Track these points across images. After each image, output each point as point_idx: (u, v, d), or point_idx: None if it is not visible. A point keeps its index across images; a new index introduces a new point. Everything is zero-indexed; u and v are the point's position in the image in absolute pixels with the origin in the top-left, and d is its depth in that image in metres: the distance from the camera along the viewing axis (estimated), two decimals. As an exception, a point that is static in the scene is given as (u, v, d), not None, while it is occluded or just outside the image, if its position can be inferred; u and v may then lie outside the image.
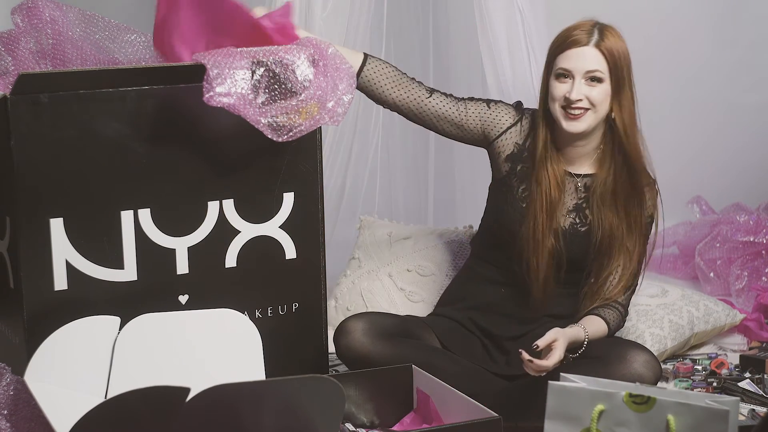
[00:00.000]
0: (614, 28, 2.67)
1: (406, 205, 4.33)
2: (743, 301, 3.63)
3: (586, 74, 2.58)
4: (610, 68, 2.59)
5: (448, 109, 2.75)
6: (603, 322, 2.65)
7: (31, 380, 2.21)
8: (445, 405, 2.52)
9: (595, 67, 2.58)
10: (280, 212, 2.61)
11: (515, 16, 3.59)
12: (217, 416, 2.08)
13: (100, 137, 2.40)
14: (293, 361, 2.64)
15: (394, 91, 2.74)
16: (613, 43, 2.61)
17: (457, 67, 4.24)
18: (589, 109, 2.59)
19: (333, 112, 2.52)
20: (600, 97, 2.58)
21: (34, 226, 2.36)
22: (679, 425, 2.18)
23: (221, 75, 2.39)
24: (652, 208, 2.71)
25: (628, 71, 2.63)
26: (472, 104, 2.76)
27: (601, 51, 2.59)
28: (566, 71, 2.60)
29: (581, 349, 2.59)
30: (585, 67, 2.58)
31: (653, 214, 2.72)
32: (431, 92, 2.76)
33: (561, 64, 2.62)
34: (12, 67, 2.47)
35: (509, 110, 2.77)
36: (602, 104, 2.59)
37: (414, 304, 3.25)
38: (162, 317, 2.40)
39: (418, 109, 2.75)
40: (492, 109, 2.76)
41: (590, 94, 2.58)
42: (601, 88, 2.59)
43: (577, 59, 2.59)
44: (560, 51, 2.63)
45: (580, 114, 2.59)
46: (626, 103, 2.61)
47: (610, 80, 2.59)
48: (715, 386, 2.93)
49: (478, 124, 2.75)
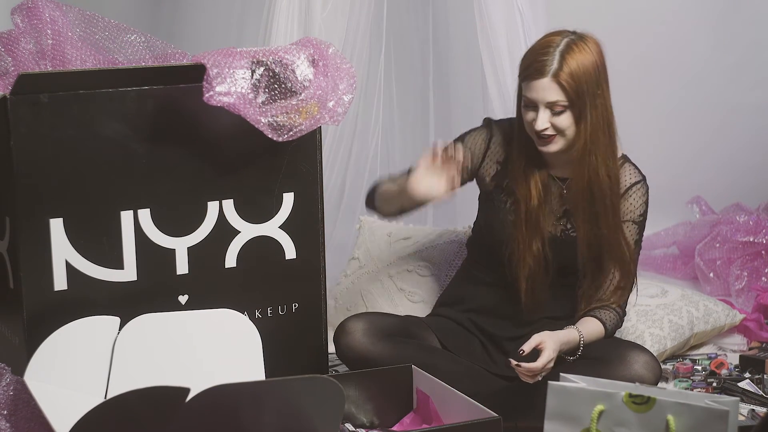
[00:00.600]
0: (583, 39, 2.60)
1: (406, 206, 4.33)
2: (743, 301, 3.63)
3: (548, 105, 2.57)
4: (571, 97, 2.55)
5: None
6: (599, 323, 2.65)
7: (30, 380, 2.21)
8: (445, 405, 2.52)
9: (554, 99, 2.56)
10: (279, 212, 2.61)
11: (515, 16, 3.58)
12: (217, 416, 2.08)
13: (100, 137, 2.40)
14: (293, 361, 2.64)
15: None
16: (575, 67, 2.55)
17: (457, 67, 4.24)
18: (557, 134, 2.59)
19: (333, 112, 2.52)
20: (565, 124, 2.58)
21: (33, 226, 2.36)
22: (678, 425, 2.18)
23: (221, 74, 2.39)
24: (643, 206, 2.70)
25: (597, 85, 2.58)
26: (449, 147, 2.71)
27: (558, 83, 2.55)
28: (530, 101, 2.59)
29: (579, 351, 2.59)
30: (545, 99, 2.56)
31: (644, 213, 2.71)
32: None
33: (525, 92, 2.60)
34: (12, 67, 2.46)
35: (481, 134, 2.78)
36: (569, 129, 2.59)
37: (414, 304, 3.25)
38: (162, 317, 2.40)
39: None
40: (468, 139, 2.78)
41: (555, 122, 2.58)
42: (564, 116, 2.57)
43: (536, 92, 2.57)
44: (523, 79, 2.61)
45: (550, 138, 2.59)
46: (594, 119, 2.58)
47: (572, 108, 2.57)
48: (715, 386, 2.94)
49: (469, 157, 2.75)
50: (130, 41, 2.61)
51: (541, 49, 2.59)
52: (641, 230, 2.72)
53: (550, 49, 2.57)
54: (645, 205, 2.71)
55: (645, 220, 2.72)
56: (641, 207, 2.70)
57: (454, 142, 2.74)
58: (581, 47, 2.58)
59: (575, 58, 2.56)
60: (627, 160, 2.72)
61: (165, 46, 2.61)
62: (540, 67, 2.55)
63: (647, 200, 2.71)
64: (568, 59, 2.55)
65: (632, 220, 2.69)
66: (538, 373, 2.50)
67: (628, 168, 2.71)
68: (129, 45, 2.61)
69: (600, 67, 2.60)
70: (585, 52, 2.57)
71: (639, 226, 2.71)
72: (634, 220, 2.69)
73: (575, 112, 2.56)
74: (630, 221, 2.69)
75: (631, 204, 2.69)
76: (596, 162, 2.61)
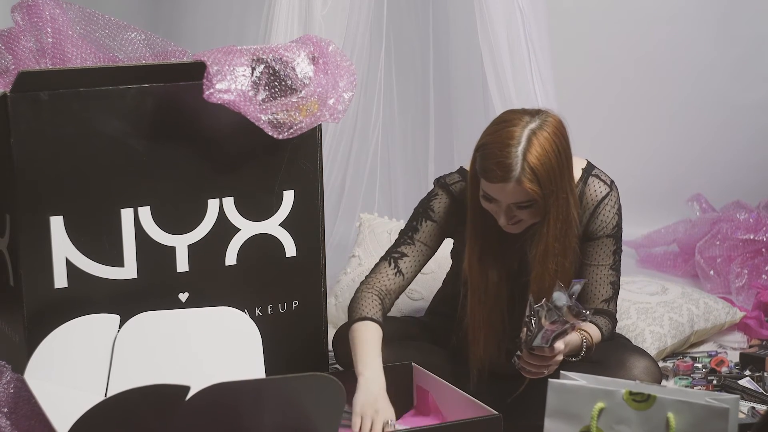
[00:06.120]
0: (543, 126, 2.43)
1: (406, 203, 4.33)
2: (743, 298, 3.63)
3: (512, 204, 2.46)
4: (537, 195, 2.42)
5: (419, 260, 2.67)
6: (595, 327, 2.63)
7: (31, 378, 2.21)
8: (445, 403, 2.52)
9: (520, 199, 2.44)
10: (280, 210, 2.61)
11: (515, 15, 3.58)
12: (217, 414, 2.08)
13: (100, 135, 2.39)
14: (293, 359, 2.64)
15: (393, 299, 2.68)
16: (538, 165, 2.40)
17: (457, 65, 4.25)
18: (522, 220, 2.49)
19: (333, 110, 2.52)
20: (531, 215, 2.48)
21: (34, 223, 2.36)
22: (679, 423, 2.18)
23: (221, 72, 2.39)
24: (615, 218, 2.61)
25: (560, 175, 2.45)
26: (421, 232, 2.66)
27: (523, 188, 2.40)
28: (491, 197, 2.47)
29: (581, 353, 2.56)
30: (509, 200, 2.44)
31: (618, 223, 2.64)
32: (395, 266, 2.65)
33: (485, 188, 2.46)
34: (12, 65, 2.47)
35: (442, 199, 2.67)
36: (535, 217, 2.49)
37: (414, 302, 3.26)
38: (162, 315, 2.40)
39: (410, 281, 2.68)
40: (436, 216, 2.66)
41: (518, 214, 2.47)
42: (530, 210, 2.47)
43: (500, 193, 2.44)
44: (482, 175, 2.44)
45: (515, 225, 2.50)
46: (556, 210, 2.47)
47: (538, 203, 2.45)
48: (715, 384, 2.93)
49: (441, 236, 2.69)
50: (130, 39, 2.61)
51: (502, 148, 2.40)
52: (618, 240, 2.63)
53: (512, 149, 2.39)
54: (617, 216, 2.62)
55: (620, 229, 2.63)
56: (613, 219, 2.61)
57: (421, 215, 2.66)
58: (542, 139, 2.41)
59: (538, 156, 2.40)
60: (590, 173, 2.62)
61: (165, 44, 2.61)
62: (503, 173, 2.39)
63: (619, 208, 2.62)
64: (530, 159, 2.39)
65: (606, 234, 2.61)
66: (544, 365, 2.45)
67: (593, 183, 2.61)
68: (129, 43, 2.61)
69: (562, 152, 2.45)
70: (547, 142, 2.42)
71: (614, 238, 2.63)
72: (608, 234, 2.61)
73: (539, 205, 2.46)
74: (604, 236, 2.61)
75: (602, 221, 2.61)
76: (559, 258, 2.52)
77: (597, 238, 2.61)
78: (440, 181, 2.70)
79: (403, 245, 2.67)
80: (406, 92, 4.34)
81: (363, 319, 2.56)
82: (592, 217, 2.61)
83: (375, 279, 2.64)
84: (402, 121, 4.36)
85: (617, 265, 2.64)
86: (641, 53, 4.48)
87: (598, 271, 2.62)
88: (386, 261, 2.66)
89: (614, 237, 2.63)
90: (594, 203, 2.61)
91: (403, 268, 2.65)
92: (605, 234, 2.61)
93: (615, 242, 2.64)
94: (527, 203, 2.45)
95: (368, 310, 2.58)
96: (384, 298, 2.63)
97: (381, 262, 2.67)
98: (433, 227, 2.66)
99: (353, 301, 2.62)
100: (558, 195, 2.46)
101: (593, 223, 2.61)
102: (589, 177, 2.62)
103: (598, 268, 2.62)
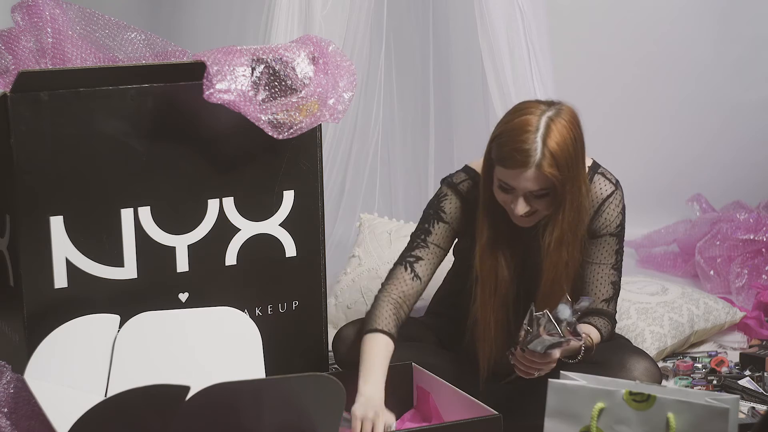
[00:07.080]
0: (560, 114, 2.43)
1: (406, 203, 4.34)
2: (743, 299, 3.63)
3: (529, 193, 2.45)
4: (555, 183, 2.43)
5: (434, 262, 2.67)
6: (594, 329, 2.62)
7: (31, 378, 2.21)
8: (445, 403, 2.52)
9: (537, 187, 2.43)
10: (280, 210, 2.61)
11: (515, 15, 3.58)
12: (217, 414, 2.08)
13: (100, 135, 2.39)
14: (293, 359, 2.64)
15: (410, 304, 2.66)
16: (558, 152, 2.40)
17: (457, 67, 4.25)
18: (537, 211, 2.49)
19: (333, 110, 2.52)
20: (547, 205, 2.48)
21: (34, 223, 2.36)
22: (679, 423, 2.18)
23: (221, 72, 2.39)
24: (619, 217, 2.61)
25: (576, 163, 2.45)
26: (434, 234, 2.65)
27: (543, 174, 2.40)
28: (507, 186, 2.46)
29: (580, 354, 2.56)
30: (527, 188, 2.44)
31: (621, 222, 2.64)
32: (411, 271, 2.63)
33: (501, 176, 2.45)
34: (12, 65, 2.46)
35: (452, 200, 2.66)
36: (548, 209, 2.49)
37: (414, 302, 3.25)
38: (162, 315, 2.40)
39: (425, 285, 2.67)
40: (448, 217, 2.65)
41: (534, 204, 2.47)
42: (546, 199, 2.47)
43: (518, 181, 2.43)
44: (500, 163, 2.44)
45: (529, 217, 2.51)
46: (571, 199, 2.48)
47: (556, 190, 2.45)
48: (715, 384, 2.94)
49: (453, 237, 2.68)
50: (130, 39, 2.61)
51: (520, 134, 2.41)
52: (621, 240, 2.64)
53: (530, 135, 2.40)
54: (621, 215, 2.62)
55: (623, 229, 2.64)
56: (617, 218, 2.62)
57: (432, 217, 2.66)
58: (560, 125, 2.42)
59: (557, 142, 2.40)
60: (596, 171, 2.63)
61: (165, 44, 2.62)
62: (523, 158, 2.39)
63: (623, 208, 2.63)
64: (550, 144, 2.39)
65: (609, 233, 2.61)
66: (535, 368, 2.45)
67: (599, 181, 2.62)
68: (129, 43, 2.61)
69: (578, 141, 2.46)
70: (565, 129, 2.43)
71: (617, 237, 2.63)
72: (611, 233, 2.61)
73: (556, 194, 2.46)
74: (607, 234, 2.62)
75: (606, 219, 2.61)
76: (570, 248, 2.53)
77: (600, 236, 2.61)
78: (447, 181, 2.69)
79: (417, 249, 2.65)
80: (406, 92, 4.34)
81: (374, 331, 2.55)
82: (596, 214, 2.61)
83: (392, 285, 2.63)
84: (402, 121, 4.36)
85: (619, 265, 2.64)
86: (641, 53, 4.48)
87: (599, 270, 2.62)
88: (402, 266, 2.64)
89: (617, 236, 2.63)
90: (599, 201, 2.61)
91: (420, 271, 2.64)
92: (608, 232, 2.61)
93: (618, 242, 2.64)
94: (544, 191, 2.44)
95: (380, 321, 2.57)
96: (402, 305, 2.61)
97: (396, 267, 2.65)
98: (445, 228, 2.66)
99: (371, 308, 2.61)
100: (574, 183, 2.47)
101: (597, 220, 2.61)
102: (595, 175, 2.63)
103: (599, 266, 2.62)
